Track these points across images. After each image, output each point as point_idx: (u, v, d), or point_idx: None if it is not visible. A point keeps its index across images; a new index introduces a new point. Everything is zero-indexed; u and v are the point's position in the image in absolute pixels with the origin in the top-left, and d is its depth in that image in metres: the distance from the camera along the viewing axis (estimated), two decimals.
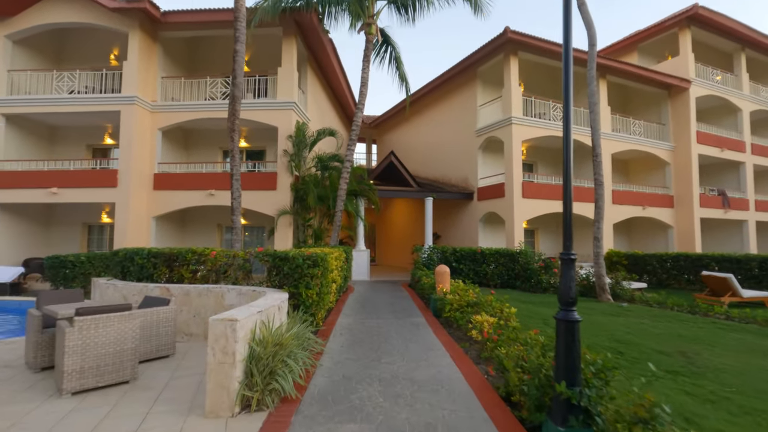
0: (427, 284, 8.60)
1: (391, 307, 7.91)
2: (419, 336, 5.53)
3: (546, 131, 14.19)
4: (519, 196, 13.43)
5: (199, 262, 5.75)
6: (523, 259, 12.17)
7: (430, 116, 18.73)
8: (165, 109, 12.42)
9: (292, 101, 12.05)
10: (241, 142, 14.11)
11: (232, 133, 8.24)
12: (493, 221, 15.19)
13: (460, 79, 16.15)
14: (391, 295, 9.75)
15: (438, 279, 7.51)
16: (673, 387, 4.11)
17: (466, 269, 12.07)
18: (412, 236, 18.72)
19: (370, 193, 13.39)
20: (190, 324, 5.36)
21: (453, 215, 16.73)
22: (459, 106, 16.35)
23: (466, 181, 15.85)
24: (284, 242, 11.87)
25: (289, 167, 11.89)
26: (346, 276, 9.54)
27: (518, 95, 13.71)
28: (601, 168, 10.01)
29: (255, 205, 12.02)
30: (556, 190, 14.29)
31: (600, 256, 9.74)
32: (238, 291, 5.22)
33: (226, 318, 3.09)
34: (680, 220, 16.80)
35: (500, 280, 12.13)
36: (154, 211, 12.23)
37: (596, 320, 7.33)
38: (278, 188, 12.00)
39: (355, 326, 6.07)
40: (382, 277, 14.63)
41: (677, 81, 16.37)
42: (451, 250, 12.30)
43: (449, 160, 17.08)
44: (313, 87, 14.65)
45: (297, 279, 4.85)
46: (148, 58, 12.30)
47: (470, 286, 7.30)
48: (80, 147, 13.76)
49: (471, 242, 15.01)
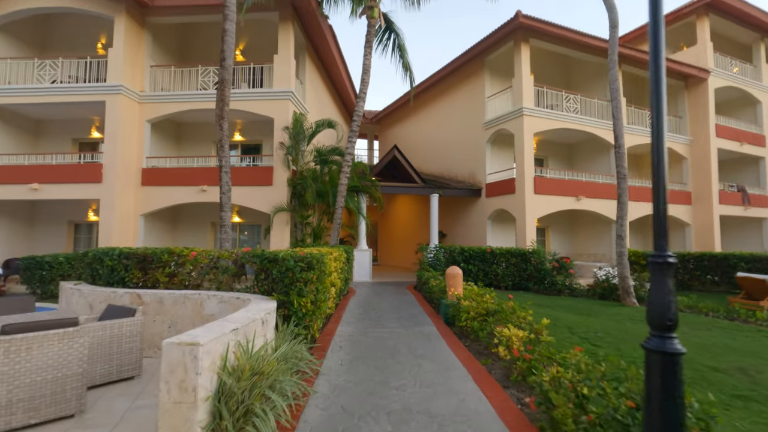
0: (435, 287, 7.81)
1: (397, 313, 7.13)
2: (432, 350, 4.74)
3: (559, 123, 13.38)
4: (531, 192, 12.62)
5: (177, 264, 4.97)
6: (536, 259, 11.39)
7: (434, 109, 17.92)
8: (154, 100, 11.65)
9: (289, 90, 11.26)
10: (235, 136, 13.34)
11: (220, 121, 7.46)
12: (503, 219, 14.39)
13: (466, 70, 15.33)
14: (396, 298, 8.96)
15: (449, 282, 6.73)
16: (752, 419, 3.32)
17: (475, 270, 11.31)
18: (417, 235, 17.92)
19: (372, 189, 12.60)
20: (163, 336, 4.57)
21: (459, 213, 15.93)
22: (466, 98, 15.54)
23: (473, 176, 15.05)
24: (281, 241, 11.09)
25: (285, 161, 11.11)
26: (347, 278, 8.77)
27: (530, 85, 12.90)
28: (624, 160, 9.20)
29: (249, 202, 11.25)
30: (570, 186, 13.47)
31: (624, 255, 8.93)
32: (219, 298, 4.44)
33: (186, 342, 2.31)
34: (698, 218, 15.97)
35: (511, 281, 11.37)
36: (142, 208, 11.46)
37: (628, 328, 6.53)
38: (274, 184, 11.22)
39: (356, 337, 5.29)
40: (385, 278, 13.85)
41: (696, 71, 15.52)
42: (458, 250, 11.53)
43: (455, 154, 16.28)
44: (311, 77, 13.86)
45: (288, 285, 4.06)
46: (136, 45, 11.52)
47: (486, 290, 6.52)
48: (66, 141, 13.00)
49: (479, 241, 14.21)
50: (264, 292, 4.43)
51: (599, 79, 15.08)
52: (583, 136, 14.85)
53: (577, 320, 6.92)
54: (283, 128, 11.02)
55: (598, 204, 13.86)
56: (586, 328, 6.31)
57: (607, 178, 14.39)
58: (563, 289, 10.93)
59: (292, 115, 11.27)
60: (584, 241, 15.75)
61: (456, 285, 6.65)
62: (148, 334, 4.56)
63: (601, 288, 10.17)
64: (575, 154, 16.29)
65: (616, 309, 8.33)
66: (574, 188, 13.50)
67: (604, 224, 14.64)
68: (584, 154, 15.85)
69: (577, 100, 13.98)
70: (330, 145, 12.07)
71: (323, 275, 4.62)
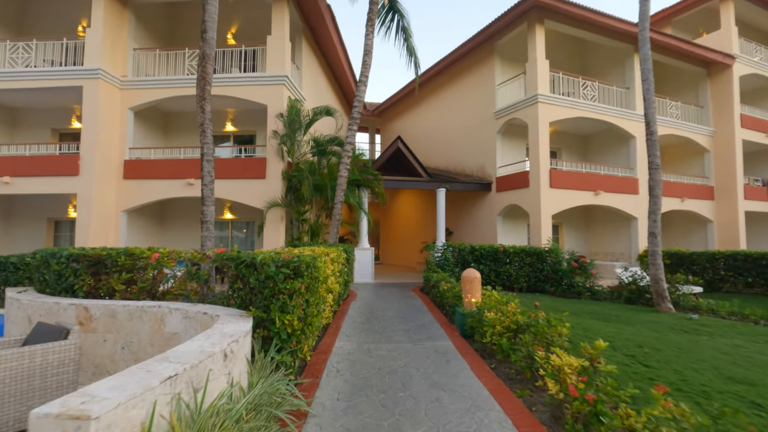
0: (448, 293, 6.87)
1: (405, 323, 6.19)
2: (452, 376, 3.80)
3: (576, 112, 12.38)
4: (546, 186, 11.66)
5: (137, 268, 4.04)
6: (553, 258, 10.46)
7: (440, 99, 16.92)
8: (137, 86, 10.69)
9: (284, 75, 10.30)
10: (227, 126, 12.39)
11: (202, 102, 6.51)
12: (514, 215, 13.44)
13: (475, 56, 14.33)
14: (402, 303, 8.03)
15: (465, 287, 5.79)
16: None
17: (486, 270, 10.39)
18: (421, 232, 16.99)
19: (374, 183, 11.65)
20: (116, 360, 3.66)
21: (467, 209, 14.98)
22: (474, 86, 14.55)
23: (482, 170, 14.08)
24: (275, 240, 10.16)
25: (279, 152, 10.15)
26: (346, 281, 7.84)
27: (545, 69, 11.90)
28: (656, 148, 8.23)
29: (240, 197, 10.32)
30: (588, 180, 12.50)
31: (657, 255, 7.96)
32: (184, 313, 3.51)
33: (67, 412, 1.37)
34: (721, 214, 14.97)
35: (526, 282, 10.45)
36: (125, 203, 10.53)
37: (672, 340, 5.58)
38: (268, 177, 10.28)
39: (357, 356, 4.35)
40: (388, 278, 12.92)
41: (720, 57, 14.49)
42: (468, 249, 10.59)
43: (463, 147, 15.30)
44: (309, 63, 12.89)
45: (268, 298, 3.13)
46: (117, 26, 10.56)
47: (509, 297, 5.58)
48: (45, 131, 12.06)
49: (488, 239, 13.26)
50: (240, 305, 3.50)
51: (617, 65, 14.08)
52: (600, 127, 13.86)
53: (611, 330, 5.98)
54: (277, 115, 10.06)
55: (617, 199, 12.90)
56: (626, 341, 5.36)
57: (627, 171, 13.41)
58: (583, 291, 9.98)
59: (286, 101, 10.32)
60: (600, 239, 14.78)
61: (473, 291, 5.71)
62: (96, 357, 3.64)
63: (627, 291, 9.22)
64: (590, 146, 15.30)
65: (650, 315, 7.38)
66: (592, 182, 12.53)
67: (623, 221, 13.68)
68: (600, 146, 14.86)
69: (595, 87, 12.98)
70: (329, 134, 11.10)
71: (316, 283, 3.68)
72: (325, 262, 4.57)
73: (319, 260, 3.65)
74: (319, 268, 3.67)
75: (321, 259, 3.81)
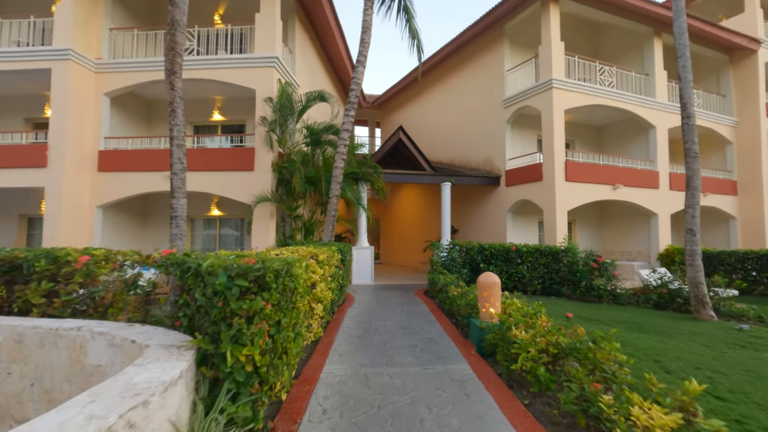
0: (459, 300, 5.91)
1: (409, 336, 5.24)
2: (477, 419, 2.85)
3: (593, 99, 11.40)
4: (561, 179, 10.69)
5: (60, 276, 3.08)
6: (570, 258, 9.52)
7: (444, 89, 15.93)
8: (113, 69, 9.73)
9: (274, 56, 9.33)
10: (214, 115, 11.43)
11: (171, 77, 5.55)
12: (525, 211, 12.47)
13: (482, 40, 13.34)
14: (405, 309, 7.07)
15: (482, 293, 4.83)
16: None
17: (497, 271, 9.46)
18: (425, 230, 16.04)
19: (374, 176, 10.69)
20: (23, 401, 2.70)
21: (473, 205, 14.01)
22: (481, 73, 13.56)
23: (490, 163, 13.11)
24: (264, 238, 9.22)
25: (267, 140, 9.18)
26: (341, 285, 6.88)
27: (560, 52, 10.91)
28: (694, 134, 7.25)
29: (226, 190, 9.37)
30: (606, 173, 11.54)
31: (696, 255, 6.99)
32: (109, 339, 2.56)
33: None
34: (745, 210, 13.99)
35: (540, 284, 9.52)
36: (100, 198, 9.59)
37: (733, 359, 4.62)
38: (256, 168, 9.33)
39: (351, 388, 3.40)
40: (389, 279, 11.98)
41: (746, 41, 13.48)
42: (477, 248, 9.64)
43: (469, 139, 14.33)
44: (303, 47, 11.91)
45: (217, 322, 2.17)
46: (91, 3, 9.60)
47: (537, 307, 4.63)
48: (17, 121, 11.09)
49: (497, 237, 12.31)
50: (187, 329, 2.54)
51: (635, 50, 13.08)
52: (617, 116, 12.89)
53: (654, 345, 5.02)
54: (265, 99, 9.09)
55: (636, 194, 11.94)
56: (678, 360, 4.41)
57: (647, 163, 12.44)
58: (604, 294, 9.04)
59: (277, 85, 9.35)
60: (616, 237, 13.81)
61: (492, 299, 4.76)
62: None
63: (657, 295, 8.26)
64: (605, 138, 14.31)
65: (691, 325, 6.41)
66: (611, 175, 11.56)
67: (641, 217, 12.71)
68: (616, 138, 13.87)
69: (613, 72, 11.99)
70: (324, 122, 10.11)
71: (293, 297, 2.72)
72: (309, 267, 3.63)
73: (297, 266, 2.69)
74: (298, 277, 2.71)
75: (300, 265, 2.85)
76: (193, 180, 9.29)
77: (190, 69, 9.44)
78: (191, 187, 9.24)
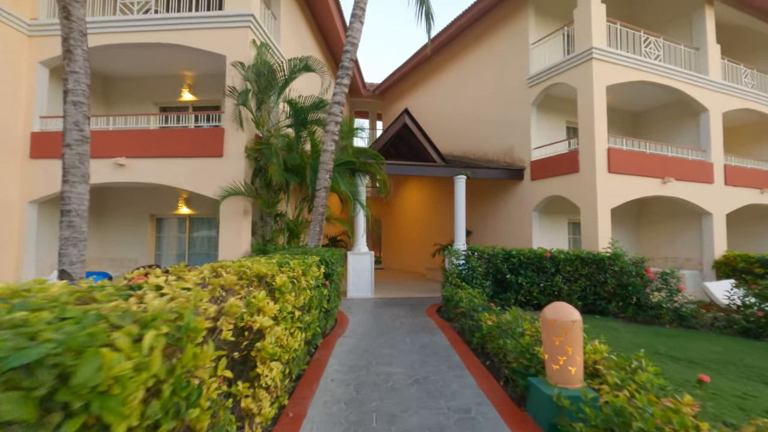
0: (499, 336, 3.95)
1: (431, 407, 3.28)
2: None
3: (640, 74, 9.46)
4: (603, 170, 8.75)
5: None
6: (619, 267, 7.60)
7: (455, 71, 14.01)
8: (52, 32, 7.83)
9: (248, 13, 7.44)
10: (184, 94, 9.53)
11: (66, 17, 3.67)
12: (551, 211, 10.53)
13: (501, 11, 11.42)
14: (417, 344, 5.12)
15: (551, 339, 2.89)
16: None
17: (526, 283, 7.57)
18: (433, 232, 14.12)
19: (374, 167, 8.75)
20: None
21: (490, 204, 12.07)
22: (500, 49, 11.64)
23: (510, 153, 11.17)
24: (236, 243, 7.31)
25: (236, 116, 7.25)
26: (327, 310, 4.94)
27: (601, 16, 8.99)
28: None
29: (188, 181, 7.47)
30: (655, 164, 9.62)
31: None
32: None
33: None
34: None
35: (580, 300, 7.60)
36: (32, 191, 7.69)
37: None
38: (226, 154, 7.42)
39: None
40: (392, 290, 10.04)
41: None
42: (502, 254, 7.72)
43: (485, 127, 12.39)
44: (289, 12, 10.01)
45: None
46: None
47: (639, 358, 2.69)
48: None
49: (519, 241, 10.36)
50: None
51: (682, 19, 11.12)
52: (662, 99, 10.96)
53: None
54: (233, 62, 7.17)
55: (688, 189, 9.99)
56: None
57: (698, 153, 10.48)
58: (666, 314, 7.07)
59: (252, 48, 7.45)
60: (656, 241, 11.83)
61: (569, 347, 2.81)
62: None
63: (743, 316, 6.30)
64: (644, 125, 12.32)
65: None
66: (660, 166, 9.62)
67: (690, 217, 10.76)
68: (658, 126, 11.90)
69: (659, 45, 10.04)
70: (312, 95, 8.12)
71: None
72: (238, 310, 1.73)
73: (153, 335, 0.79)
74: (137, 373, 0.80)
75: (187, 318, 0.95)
76: (143, 168, 7.39)
77: (147, 31, 7.58)
78: (141, 177, 7.35)
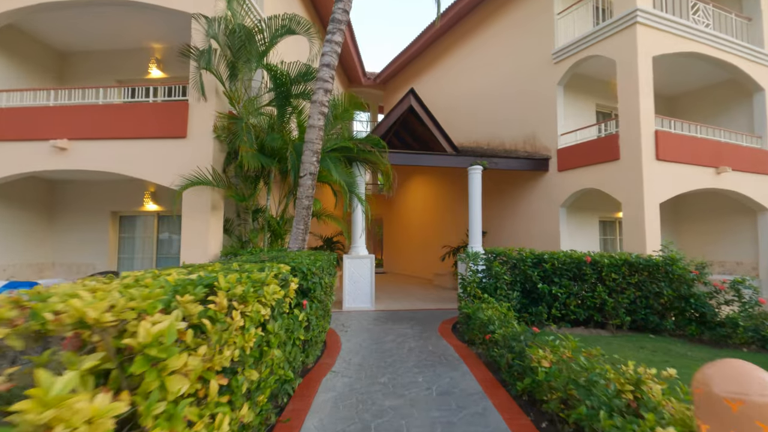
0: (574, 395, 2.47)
1: None
2: None
3: (690, 45, 7.99)
4: (650, 157, 7.26)
5: None
6: (677, 274, 6.12)
7: (466, 53, 12.55)
8: None
9: None
10: (151, 70, 8.12)
11: None
12: (579, 207, 9.04)
13: None
14: (434, 384, 3.62)
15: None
16: None
17: (562, 294, 6.12)
18: (443, 233, 12.66)
19: (375, 156, 7.29)
20: None
21: (507, 200, 10.58)
22: (519, 23, 10.18)
23: (533, 141, 9.69)
24: (202, 245, 5.85)
25: (198, 83, 5.80)
26: (306, 341, 3.46)
27: None
28: None
29: (142, 168, 6.02)
30: (708, 150, 8.12)
31: None
32: None
33: None
34: None
35: (628, 314, 6.15)
36: None
37: None
38: (190, 134, 5.97)
39: None
40: (396, 300, 8.56)
41: None
42: (531, 258, 6.30)
43: (501, 112, 10.92)
44: None
45: None
46: None
47: None
48: None
49: (544, 243, 8.87)
50: None
51: None
52: (707, 77, 9.50)
53: None
54: (195, 14, 5.73)
55: (743, 180, 8.50)
56: None
57: (753, 140, 8.98)
58: (742, 333, 5.55)
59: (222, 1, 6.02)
60: (698, 242, 10.29)
61: None
62: None
63: None
64: (681, 109, 10.80)
65: None
66: (713, 154, 8.13)
67: (741, 215, 9.26)
68: (698, 111, 10.39)
69: (709, 12, 8.56)
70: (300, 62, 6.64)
71: None
72: None
73: None
74: None
75: None
76: (89, 151, 5.97)
77: None
78: (84, 164, 5.93)
